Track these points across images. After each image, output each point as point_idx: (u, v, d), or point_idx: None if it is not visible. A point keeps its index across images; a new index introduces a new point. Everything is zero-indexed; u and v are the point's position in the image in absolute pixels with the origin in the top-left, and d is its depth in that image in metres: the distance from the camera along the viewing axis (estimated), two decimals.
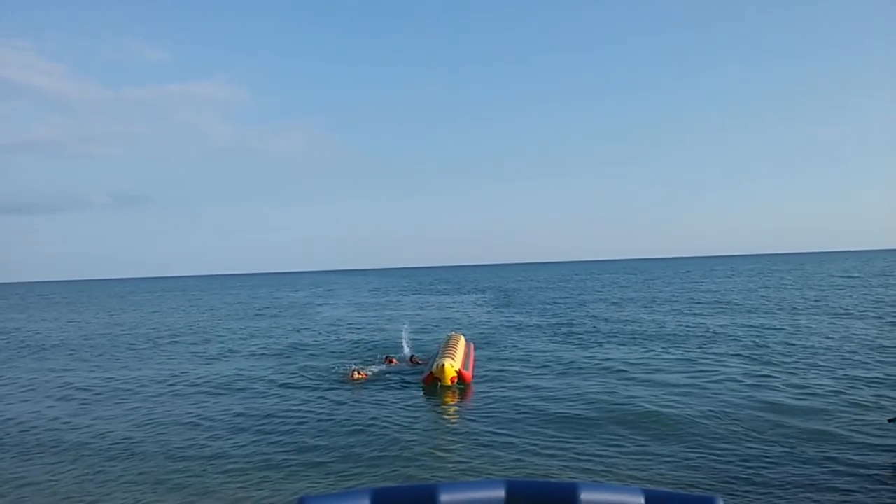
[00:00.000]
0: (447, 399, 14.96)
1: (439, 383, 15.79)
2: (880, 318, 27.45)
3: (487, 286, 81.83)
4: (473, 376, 16.96)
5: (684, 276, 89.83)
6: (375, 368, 18.31)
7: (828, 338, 22.22)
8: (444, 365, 15.84)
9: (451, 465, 9.98)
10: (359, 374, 16.83)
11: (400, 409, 13.81)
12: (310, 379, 17.53)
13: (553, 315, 36.27)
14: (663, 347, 21.47)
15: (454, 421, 13.19)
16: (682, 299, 44.35)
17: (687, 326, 27.40)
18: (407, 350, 21.22)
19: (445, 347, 18.33)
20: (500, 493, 3.75)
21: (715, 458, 9.78)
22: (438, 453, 10.71)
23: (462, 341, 19.64)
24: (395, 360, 19.43)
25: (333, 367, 18.99)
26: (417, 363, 19.05)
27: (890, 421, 10.26)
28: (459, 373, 16.07)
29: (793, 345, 20.96)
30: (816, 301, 37.54)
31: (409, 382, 16.68)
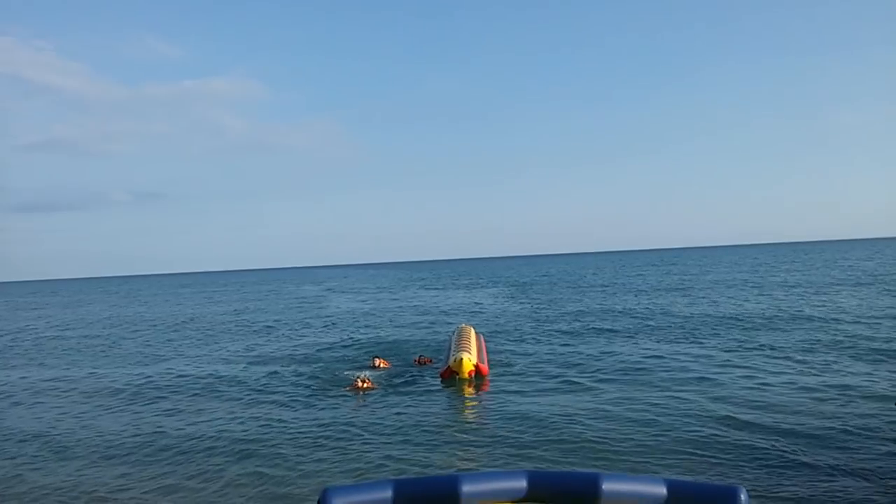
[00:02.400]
0: (465, 392, 14.97)
1: (457, 376, 15.77)
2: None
3: (506, 278, 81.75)
4: (489, 369, 16.92)
5: (702, 265, 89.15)
6: (380, 372, 17.22)
7: (851, 326, 22.01)
8: (462, 358, 15.77)
9: (471, 457, 10.02)
10: (365, 382, 15.55)
11: (417, 404, 13.81)
12: (325, 385, 16.46)
13: (572, 306, 36.19)
14: (683, 338, 21.39)
15: (474, 414, 13.22)
16: (699, 289, 44.05)
17: (707, 317, 27.25)
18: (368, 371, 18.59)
19: (459, 341, 18.08)
20: (522, 483, 3.76)
21: (737, 448, 9.75)
22: (459, 445, 10.76)
23: (473, 333, 19.34)
24: (384, 362, 18.16)
25: (340, 371, 17.95)
26: (426, 363, 18.27)
27: None
28: (476, 366, 15.99)
29: (813, 332, 20.78)
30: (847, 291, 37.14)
31: (420, 381, 16.28)
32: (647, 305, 33.61)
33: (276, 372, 18.65)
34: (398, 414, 12.92)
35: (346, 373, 17.27)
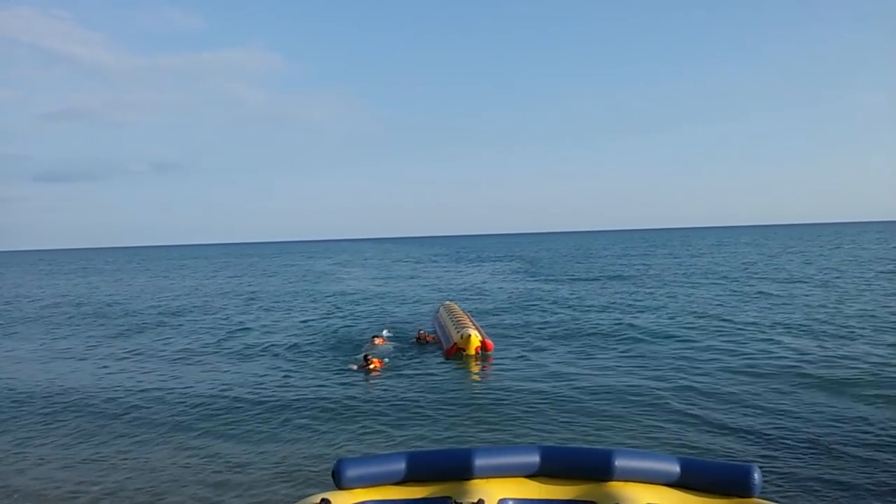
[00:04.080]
0: (472, 368, 15.02)
1: (463, 352, 15.81)
2: None
3: (518, 254, 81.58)
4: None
5: (721, 244, 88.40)
6: (382, 350, 16.90)
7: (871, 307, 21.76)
8: (470, 335, 15.87)
9: (482, 432, 10.09)
10: (371, 361, 15.03)
11: (425, 380, 13.82)
12: (332, 362, 16.24)
13: (580, 283, 36.03)
14: (694, 315, 21.25)
15: (482, 389, 13.26)
16: (705, 269, 43.72)
17: (718, 295, 27.03)
18: (386, 332, 19.34)
19: (454, 317, 18.10)
20: (535, 458, 3.80)
21: (751, 428, 9.74)
22: (469, 420, 10.83)
23: (461, 309, 19.43)
24: (382, 341, 17.90)
25: (345, 348, 17.83)
26: (429, 340, 18.00)
27: None
28: (483, 342, 16.01)
29: (833, 313, 20.56)
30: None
31: (425, 358, 16.18)
32: (654, 285, 33.36)
33: (281, 349, 18.55)
34: (407, 390, 12.98)
35: (348, 351, 17.24)
